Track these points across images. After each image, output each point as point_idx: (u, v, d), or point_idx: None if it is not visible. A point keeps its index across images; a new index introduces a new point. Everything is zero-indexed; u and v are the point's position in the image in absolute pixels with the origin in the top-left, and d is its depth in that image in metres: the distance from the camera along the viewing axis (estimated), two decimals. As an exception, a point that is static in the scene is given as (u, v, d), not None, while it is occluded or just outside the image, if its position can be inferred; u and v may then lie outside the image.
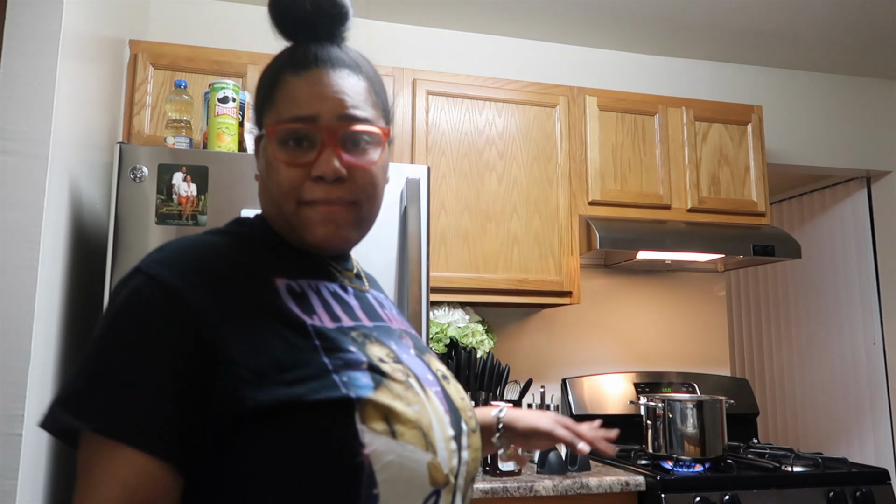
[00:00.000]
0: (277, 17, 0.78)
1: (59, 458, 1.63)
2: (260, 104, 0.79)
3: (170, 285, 0.65)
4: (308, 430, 0.62)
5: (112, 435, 0.61)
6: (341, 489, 0.62)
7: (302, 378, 0.64)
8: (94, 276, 1.85)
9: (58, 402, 0.63)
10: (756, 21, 2.79)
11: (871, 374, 3.37)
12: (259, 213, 0.81)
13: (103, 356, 0.64)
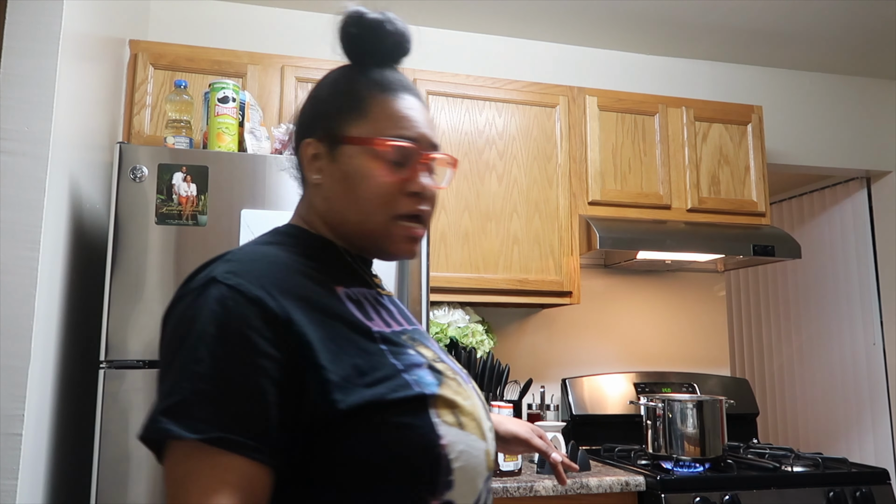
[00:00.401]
0: (358, 44, 0.87)
1: (60, 458, 1.63)
2: (342, 114, 0.81)
3: (252, 295, 0.67)
4: (393, 427, 0.67)
5: (223, 445, 0.61)
6: (424, 479, 0.68)
7: (379, 380, 0.69)
8: (94, 276, 1.85)
9: (162, 414, 0.63)
10: (756, 21, 2.79)
11: (871, 374, 3.37)
12: (290, 224, 0.83)
13: (200, 366, 0.64)
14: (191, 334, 0.65)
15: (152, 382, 1.54)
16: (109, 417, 1.51)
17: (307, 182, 0.82)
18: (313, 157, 0.81)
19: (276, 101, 2.24)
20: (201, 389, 0.63)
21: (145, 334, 1.56)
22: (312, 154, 0.81)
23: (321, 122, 0.81)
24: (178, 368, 0.65)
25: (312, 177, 0.81)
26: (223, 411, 0.62)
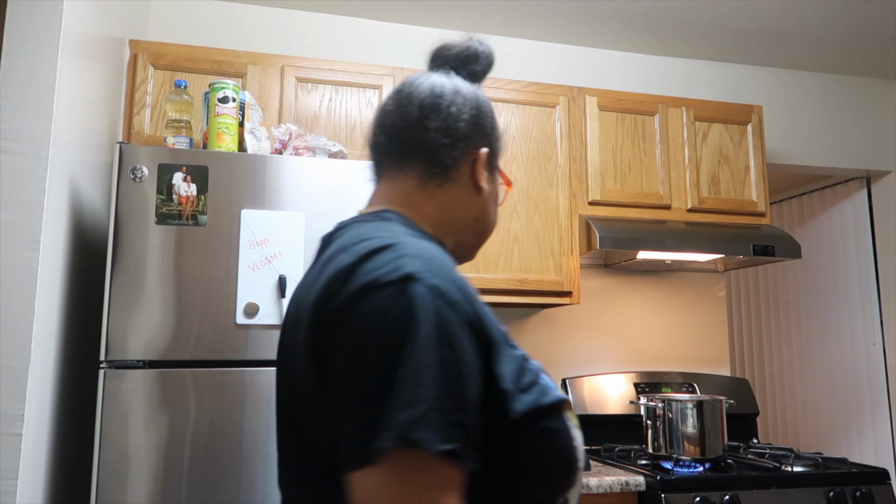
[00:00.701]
0: (481, 66, 0.90)
1: (60, 458, 1.63)
2: (497, 140, 0.88)
3: (452, 298, 0.65)
4: (546, 432, 0.68)
5: (456, 456, 0.59)
6: (563, 480, 0.70)
7: (529, 385, 0.69)
8: (94, 276, 1.85)
9: (415, 423, 0.58)
10: (756, 21, 2.79)
11: (871, 374, 3.37)
12: (404, 216, 0.81)
13: (434, 372, 0.60)
14: (414, 336, 0.60)
15: (152, 382, 1.55)
16: (109, 417, 1.51)
17: (475, 183, 0.84)
18: (483, 167, 0.84)
19: (276, 101, 2.24)
20: (441, 397, 0.59)
21: (145, 334, 1.56)
22: (484, 164, 0.84)
23: (491, 141, 0.86)
24: (412, 374, 0.59)
25: (484, 183, 0.84)
26: (457, 421, 0.60)
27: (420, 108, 0.82)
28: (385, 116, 0.85)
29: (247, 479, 1.56)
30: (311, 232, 1.68)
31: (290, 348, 0.75)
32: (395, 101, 0.85)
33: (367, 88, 2.33)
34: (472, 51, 0.90)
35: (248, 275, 1.62)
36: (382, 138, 0.84)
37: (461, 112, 0.83)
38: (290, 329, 0.75)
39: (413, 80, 0.86)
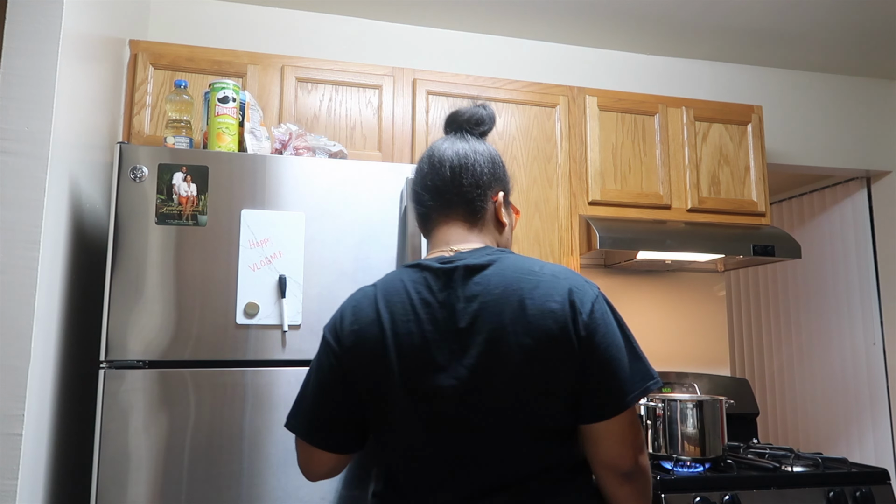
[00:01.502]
0: (481, 124, 1.22)
1: (60, 458, 1.63)
2: (506, 177, 1.18)
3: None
4: None
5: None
6: None
7: None
8: (94, 276, 1.85)
9: (654, 374, 0.98)
10: (756, 21, 2.79)
11: (871, 374, 3.37)
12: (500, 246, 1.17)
13: (637, 352, 1.00)
14: (626, 324, 1.01)
15: (152, 382, 1.55)
16: (109, 417, 1.51)
17: (498, 220, 1.15)
18: (504, 205, 1.15)
19: (276, 101, 2.24)
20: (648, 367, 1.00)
21: (145, 334, 1.56)
22: (504, 203, 1.16)
23: (505, 183, 1.16)
24: (636, 344, 0.99)
25: (505, 218, 1.16)
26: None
27: (451, 170, 1.11)
28: (424, 178, 1.13)
29: (247, 479, 1.56)
30: (311, 232, 1.68)
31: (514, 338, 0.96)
32: (430, 166, 1.13)
33: (367, 88, 2.33)
34: (478, 116, 1.21)
35: (248, 275, 1.62)
36: (426, 196, 1.13)
37: (483, 167, 1.13)
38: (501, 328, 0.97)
39: (440, 147, 1.15)
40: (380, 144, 2.30)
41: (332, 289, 1.67)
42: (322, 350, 1.06)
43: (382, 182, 1.75)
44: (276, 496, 1.56)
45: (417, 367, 0.98)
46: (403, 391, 0.98)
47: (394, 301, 1.01)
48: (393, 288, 1.03)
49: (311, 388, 1.06)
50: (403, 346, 0.98)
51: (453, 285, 1.00)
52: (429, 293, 1.01)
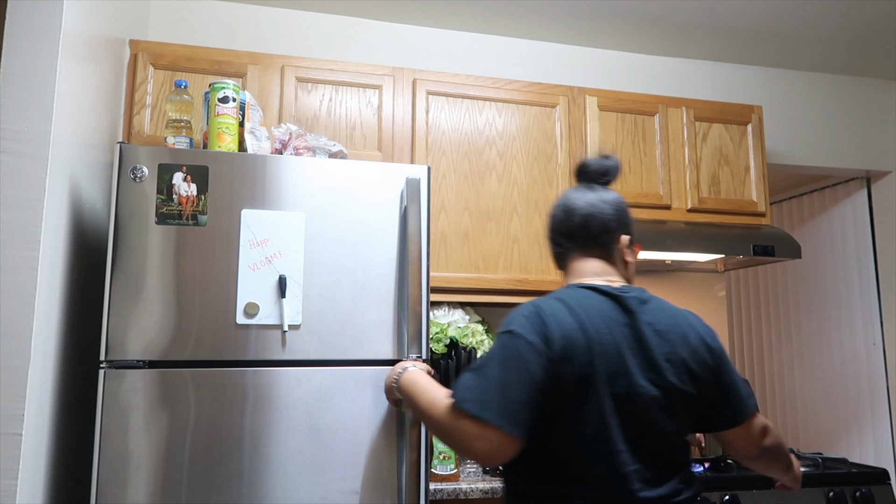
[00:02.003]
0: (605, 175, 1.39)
1: (60, 458, 1.63)
2: (630, 221, 1.38)
3: None
4: None
5: None
6: None
7: None
8: (94, 276, 1.85)
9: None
10: (756, 21, 2.79)
11: (871, 374, 3.37)
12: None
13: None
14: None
15: (152, 382, 1.55)
16: (109, 417, 1.51)
17: (625, 260, 1.36)
18: (627, 246, 1.35)
19: (276, 101, 2.24)
20: None
21: (145, 334, 1.56)
22: (629, 244, 1.35)
23: (628, 227, 1.36)
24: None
25: (629, 258, 1.35)
26: None
27: (584, 217, 1.33)
28: (559, 225, 1.36)
29: (247, 479, 1.56)
30: (311, 232, 1.68)
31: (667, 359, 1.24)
32: (564, 213, 1.35)
33: (367, 88, 2.33)
34: (604, 168, 1.38)
35: (248, 275, 1.62)
36: (563, 240, 1.35)
37: (610, 215, 1.33)
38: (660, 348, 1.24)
39: (571, 197, 1.36)
40: (380, 144, 2.30)
41: (332, 289, 1.67)
42: (522, 348, 1.17)
43: (382, 182, 1.75)
44: (276, 496, 1.56)
45: (616, 372, 1.19)
46: (606, 392, 1.18)
47: (592, 314, 1.22)
48: (588, 304, 1.24)
49: (507, 380, 1.16)
50: (605, 353, 1.20)
51: (632, 311, 1.25)
52: (614, 313, 1.24)
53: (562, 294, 1.27)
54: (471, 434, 1.15)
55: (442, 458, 1.91)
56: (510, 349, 1.18)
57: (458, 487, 1.85)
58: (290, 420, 1.60)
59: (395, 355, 1.69)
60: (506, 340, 1.20)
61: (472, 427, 1.14)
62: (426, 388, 1.32)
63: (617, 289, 1.28)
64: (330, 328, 1.66)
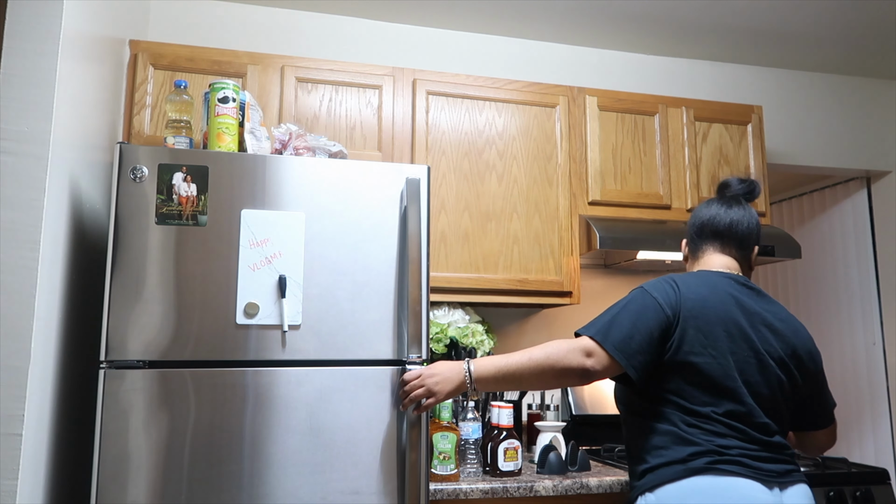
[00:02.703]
0: (752, 193, 1.69)
1: (60, 458, 1.63)
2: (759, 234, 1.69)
3: None
4: None
5: None
6: None
7: None
8: (94, 277, 1.85)
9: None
10: (756, 21, 2.79)
11: (871, 374, 3.37)
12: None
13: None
14: None
15: (152, 382, 1.55)
16: (109, 417, 1.51)
17: (751, 265, 1.68)
18: (756, 255, 1.69)
19: (276, 101, 2.24)
20: None
21: (145, 334, 1.56)
22: (757, 254, 1.69)
23: (759, 241, 1.68)
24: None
25: (755, 266, 1.71)
26: None
27: (732, 222, 1.62)
28: (709, 221, 1.64)
29: (247, 479, 1.56)
30: (311, 232, 1.68)
31: (780, 353, 1.50)
32: (714, 213, 1.64)
33: (367, 88, 2.33)
34: (751, 186, 1.67)
35: (248, 275, 1.62)
36: (707, 234, 1.65)
37: (754, 227, 1.63)
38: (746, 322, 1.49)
39: (720, 203, 1.65)
40: (380, 144, 2.30)
41: (332, 289, 1.67)
42: (652, 306, 1.46)
43: (382, 182, 1.75)
44: (276, 496, 1.56)
45: (738, 337, 1.45)
46: (728, 353, 1.44)
47: (717, 288, 1.50)
48: (713, 280, 1.52)
49: (636, 327, 1.44)
50: (728, 321, 1.45)
51: (752, 293, 1.54)
52: (737, 292, 1.52)
53: (695, 274, 1.55)
54: (585, 349, 1.43)
55: (442, 458, 1.91)
56: (645, 303, 1.47)
57: (458, 487, 1.85)
58: (290, 420, 1.60)
59: (395, 355, 1.69)
60: (635, 293, 1.50)
61: (589, 344, 1.44)
62: (511, 354, 1.53)
63: (741, 277, 1.57)
64: (330, 328, 1.66)
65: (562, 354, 1.45)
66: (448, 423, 1.93)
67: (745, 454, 1.40)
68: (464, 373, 1.55)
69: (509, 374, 1.50)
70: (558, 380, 1.46)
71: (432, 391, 1.57)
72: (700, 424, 1.42)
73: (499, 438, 1.98)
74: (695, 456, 1.40)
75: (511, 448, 1.98)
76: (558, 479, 1.95)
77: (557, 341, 1.48)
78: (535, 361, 1.47)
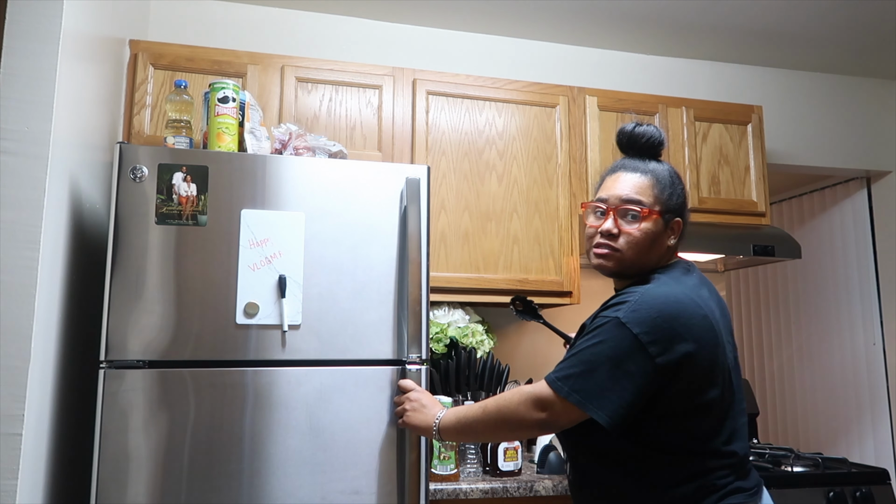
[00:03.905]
0: (622, 143, 1.41)
1: (60, 458, 1.63)
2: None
3: None
4: None
5: None
6: None
7: None
8: (94, 276, 1.85)
9: None
10: (756, 21, 2.79)
11: (871, 374, 3.37)
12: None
13: None
14: None
15: (152, 382, 1.55)
16: (109, 417, 1.51)
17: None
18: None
19: (276, 101, 2.24)
20: None
21: (145, 334, 1.56)
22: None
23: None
24: None
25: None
26: None
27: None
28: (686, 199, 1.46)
29: (247, 479, 1.56)
30: (311, 232, 1.68)
31: (726, 337, 1.33)
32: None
33: (367, 88, 2.33)
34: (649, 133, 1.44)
35: (248, 275, 1.62)
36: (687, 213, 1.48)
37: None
38: (723, 325, 1.33)
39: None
40: (380, 144, 2.30)
41: (332, 289, 1.67)
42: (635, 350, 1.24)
43: (382, 182, 1.75)
44: (276, 496, 1.56)
45: (724, 344, 1.29)
46: (727, 364, 1.28)
47: (713, 295, 1.41)
48: (709, 285, 1.45)
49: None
50: (721, 330, 1.30)
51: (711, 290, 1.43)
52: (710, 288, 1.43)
53: (699, 277, 1.45)
54: (548, 410, 1.26)
55: (442, 458, 1.91)
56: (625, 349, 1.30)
57: (458, 487, 1.85)
58: (290, 420, 1.60)
59: (395, 355, 1.69)
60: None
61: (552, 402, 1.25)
62: (472, 406, 1.40)
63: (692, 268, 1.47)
64: (330, 328, 1.66)
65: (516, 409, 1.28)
66: (448, 423, 1.93)
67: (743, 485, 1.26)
68: (435, 417, 1.45)
69: (467, 427, 1.38)
70: (517, 435, 1.34)
71: (405, 415, 1.53)
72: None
73: (499, 438, 1.98)
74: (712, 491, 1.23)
75: (511, 448, 1.98)
76: (558, 479, 1.95)
77: (508, 393, 1.31)
78: (488, 415, 1.33)
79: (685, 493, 1.20)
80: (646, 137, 1.38)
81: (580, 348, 1.23)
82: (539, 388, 1.25)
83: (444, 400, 1.95)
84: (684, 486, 1.21)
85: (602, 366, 1.19)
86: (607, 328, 1.22)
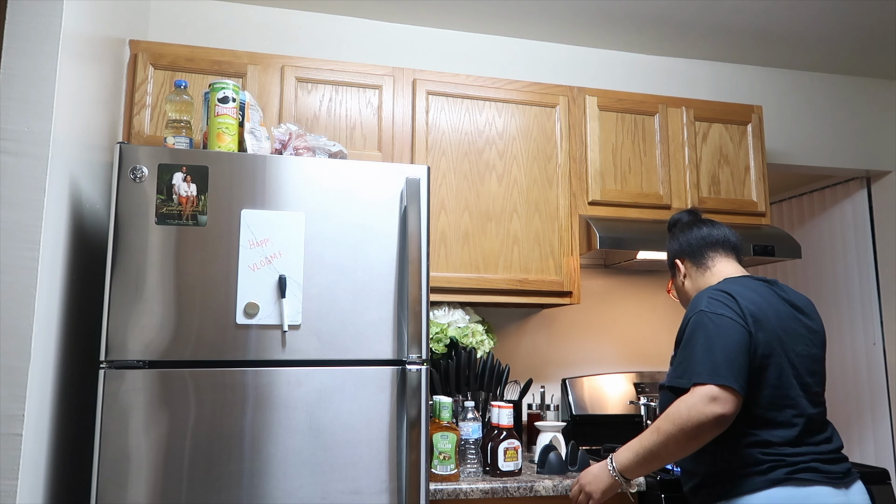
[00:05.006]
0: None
1: (60, 458, 1.63)
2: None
3: None
4: None
5: None
6: None
7: None
8: (94, 276, 1.85)
9: None
10: (756, 21, 2.79)
11: (871, 374, 3.37)
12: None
13: None
14: None
15: (152, 382, 1.55)
16: (109, 417, 1.51)
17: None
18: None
19: (276, 101, 2.24)
20: None
21: (145, 334, 1.56)
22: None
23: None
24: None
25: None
26: None
27: (724, 234, 1.75)
28: (706, 236, 1.73)
29: (247, 479, 1.56)
30: (311, 232, 1.68)
31: (801, 333, 1.54)
32: (704, 231, 1.75)
33: (367, 88, 2.33)
34: (698, 211, 1.87)
35: (248, 275, 1.62)
36: (710, 247, 1.72)
37: (734, 234, 1.77)
38: (794, 320, 1.55)
39: (699, 222, 1.79)
40: (380, 144, 2.30)
41: (332, 289, 1.67)
42: (728, 323, 1.45)
43: (382, 182, 1.75)
44: (276, 496, 1.56)
45: (793, 337, 1.50)
46: (784, 355, 1.47)
47: (762, 294, 1.53)
48: (752, 284, 1.56)
49: (727, 351, 1.41)
50: (782, 323, 1.50)
51: (782, 293, 1.58)
52: (771, 295, 1.55)
53: (732, 283, 1.56)
54: (705, 406, 1.37)
55: (442, 458, 1.91)
56: (719, 324, 1.45)
57: (458, 487, 1.85)
58: (290, 420, 1.60)
59: (395, 355, 1.69)
60: (703, 318, 1.47)
61: (709, 391, 1.38)
62: (643, 434, 1.50)
63: (764, 279, 1.61)
64: (330, 328, 1.66)
65: (686, 414, 1.39)
66: (448, 423, 1.93)
67: (816, 459, 1.43)
68: (609, 470, 1.54)
69: (649, 456, 1.47)
70: (697, 440, 1.40)
71: (586, 491, 1.59)
72: (772, 433, 1.44)
73: (499, 438, 1.98)
74: (772, 468, 1.41)
75: (511, 448, 1.98)
76: (558, 479, 1.95)
77: (674, 404, 1.42)
78: (665, 433, 1.43)
79: (730, 454, 1.48)
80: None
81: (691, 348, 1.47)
82: (704, 390, 1.39)
83: (445, 400, 1.96)
84: (734, 446, 1.48)
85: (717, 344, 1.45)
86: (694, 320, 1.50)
